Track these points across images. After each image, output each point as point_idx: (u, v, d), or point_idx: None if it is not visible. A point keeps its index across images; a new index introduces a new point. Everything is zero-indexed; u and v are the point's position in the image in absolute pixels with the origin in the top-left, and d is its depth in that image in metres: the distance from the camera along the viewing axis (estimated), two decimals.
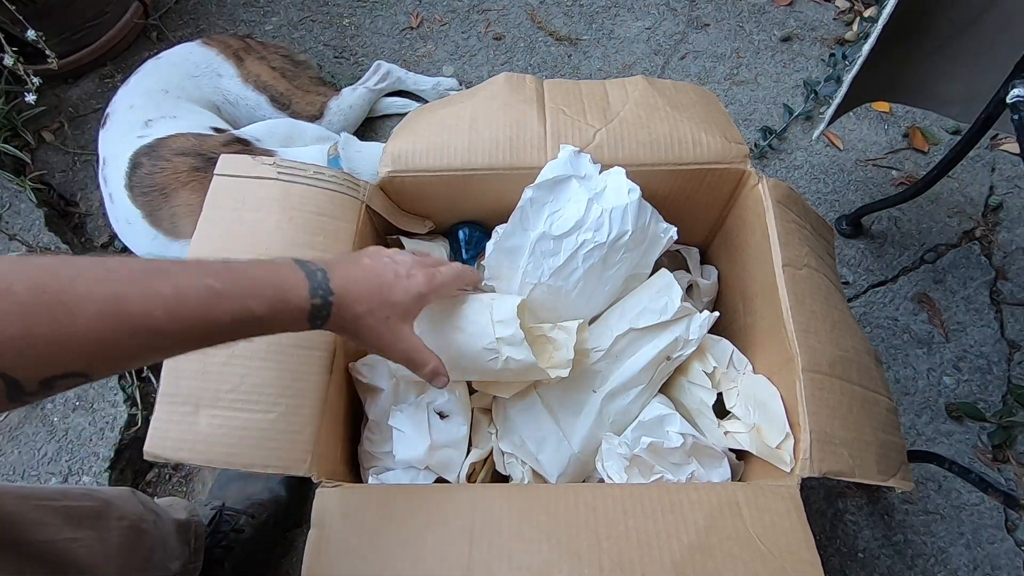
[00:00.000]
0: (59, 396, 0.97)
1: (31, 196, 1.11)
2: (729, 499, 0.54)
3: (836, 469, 0.55)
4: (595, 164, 0.68)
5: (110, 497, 0.62)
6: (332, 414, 0.61)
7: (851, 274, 1.08)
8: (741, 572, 0.50)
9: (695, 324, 0.67)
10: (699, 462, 0.64)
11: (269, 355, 0.58)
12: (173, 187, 0.92)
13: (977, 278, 1.08)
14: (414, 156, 0.69)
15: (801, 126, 1.22)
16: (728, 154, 0.69)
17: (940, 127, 1.21)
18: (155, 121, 0.98)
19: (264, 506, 0.83)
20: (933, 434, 0.96)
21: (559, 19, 1.35)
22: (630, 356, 0.67)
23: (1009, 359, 1.02)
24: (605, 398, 0.67)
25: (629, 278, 0.70)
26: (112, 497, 0.63)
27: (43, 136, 1.20)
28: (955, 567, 0.88)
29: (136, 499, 0.66)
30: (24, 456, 0.93)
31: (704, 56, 1.30)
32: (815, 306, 0.62)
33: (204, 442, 0.56)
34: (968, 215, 1.13)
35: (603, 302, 0.70)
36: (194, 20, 1.35)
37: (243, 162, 0.66)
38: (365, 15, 1.36)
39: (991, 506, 0.91)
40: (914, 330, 1.04)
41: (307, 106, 1.13)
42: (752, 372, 0.68)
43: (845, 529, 0.90)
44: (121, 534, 0.61)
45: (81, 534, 0.56)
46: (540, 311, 0.69)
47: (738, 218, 0.73)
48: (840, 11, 1.36)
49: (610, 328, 0.68)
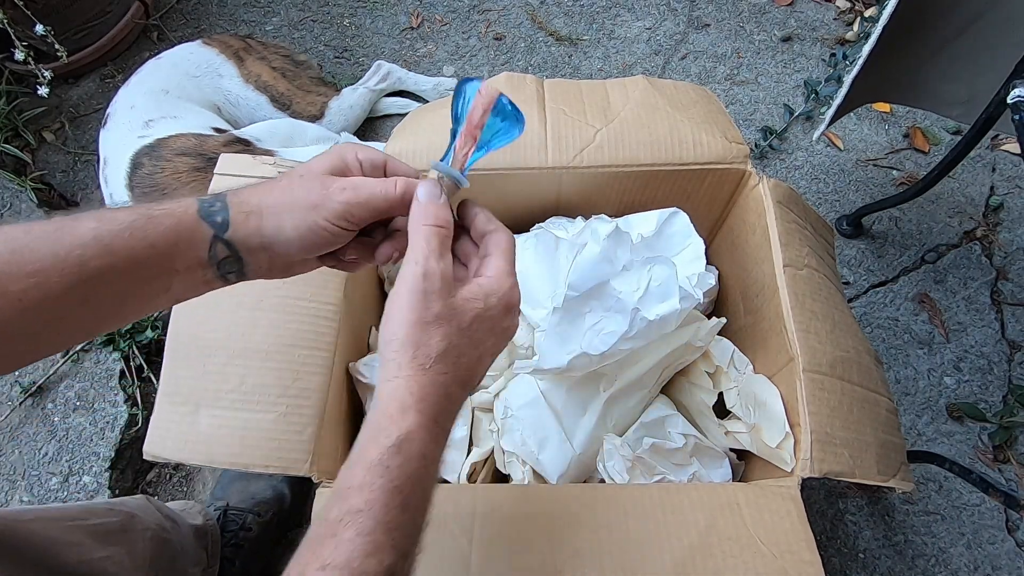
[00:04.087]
0: (60, 396, 0.97)
1: (32, 196, 1.11)
2: (729, 499, 0.54)
3: (836, 469, 0.55)
4: (636, 241, 0.64)
5: (132, 509, 0.63)
6: (332, 414, 0.61)
7: (851, 274, 1.08)
8: (741, 572, 0.50)
9: (703, 330, 0.67)
10: (700, 462, 0.64)
11: (270, 355, 0.58)
12: (174, 187, 0.92)
13: (978, 278, 1.08)
14: (414, 156, 0.69)
15: (801, 126, 1.22)
16: (728, 154, 0.69)
17: (941, 127, 1.21)
18: (156, 121, 0.98)
19: (269, 504, 0.84)
20: (934, 434, 0.96)
21: (559, 19, 1.35)
22: (639, 360, 0.67)
23: (1010, 359, 1.01)
24: (609, 399, 0.67)
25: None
26: (134, 509, 0.63)
27: (44, 136, 1.20)
28: (956, 567, 0.88)
29: (153, 507, 0.67)
30: (24, 456, 0.93)
31: (704, 56, 1.30)
32: (815, 306, 0.62)
33: (204, 442, 0.56)
34: (969, 215, 1.13)
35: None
36: (195, 20, 1.35)
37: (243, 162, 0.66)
38: (365, 15, 1.36)
39: (992, 506, 0.91)
40: (915, 330, 1.04)
41: (308, 106, 1.13)
42: (752, 372, 0.68)
43: (845, 529, 0.90)
44: (146, 546, 0.61)
45: (110, 551, 0.57)
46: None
47: (738, 218, 0.73)
48: (841, 11, 1.35)
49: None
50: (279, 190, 0.40)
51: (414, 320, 0.36)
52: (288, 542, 0.88)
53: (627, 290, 0.61)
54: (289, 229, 0.40)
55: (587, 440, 0.67)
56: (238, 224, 0.39)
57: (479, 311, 0.38)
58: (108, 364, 0.99)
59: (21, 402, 0.97)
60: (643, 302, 0.60)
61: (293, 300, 0.61)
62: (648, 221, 0.70)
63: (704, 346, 0.67)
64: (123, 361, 0.99)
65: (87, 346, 1.00)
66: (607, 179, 0.71)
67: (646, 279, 0.61)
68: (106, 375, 0.98)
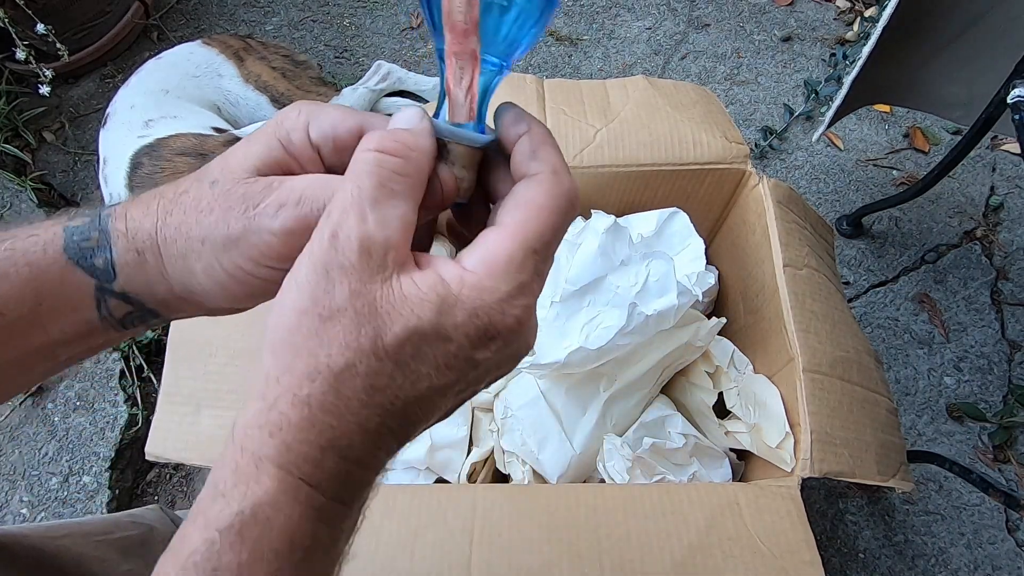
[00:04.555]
0: (60, 396, 0.97)
1: (32, 196, 1.11)
2: (729, 499, 0.54)
3: (836, 469, 0.55)
4: (636, 241, 0.64)
5: (151, 521, 0.62)
6: None
7: (852, 274, 1.08)
8: (741, 572, 0.50)
9: (703, 330, 0.67)
10: (700, 462, 0.64)
11: None
12: None
13: (978, 278, 1.08)
14: None
15: (801, 126, 1.22)
16: (728, 154, 0.69)
17: (941, 127, 1.21)
18: (156, 121, 0.98)
19: None
20: (934, 434, 0.96)
21: (559, 19, 1.35)
22: (639, 359, 0.67)
23: (1010, 359, 1.01)
24: (609, 399, 0.67)
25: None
26: (153, 521, 0.62)
27: (44, 136, 1.20)
28: (956, 567, 0.88)
29: (168, 518, 0.66)
30: (25, 456, 0.93)
31: (705, 56, 1.30)
32: (815, 306, 0.62)
33: (205, 442, 0.56)
34: (969, 215, 1.13)
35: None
36: (195, 20, 1.35)
37: None
38: (365, 15, 1.36)
39: (992, 506, 0.91)
40: (915, 330, 1.04)
41: None
42: (752, 372, 0.68)
43: (846, 529, 0.90)
44: None
45: (132, 564, 0.56)
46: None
47: (738, 218, 0.73)
48: (841, 11, 1.35)
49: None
50: (182, 209, 0.25)
51: (301, 309, 0.21)
52: None
53: (625, 285, 0.61)
54: (201, 275, 0.25)
55: (587, 440, 0.67)
56: (130, 268, 0.26)
57: (416, 325, 0.21)
58: (108, 364, 0.99)
59: (21, 402, 0.97)
60: (640, 297, 0.60)
61: None
62: (648, 221, 0.71)
63: (704, 346, 0.67)
64: (123, 361, 0.99)
65: None
66: (607, 179, 0.71)
67: (644, 274, 0.61)
68: (106, 375, 0.98)
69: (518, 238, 0.22)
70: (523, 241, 0.22)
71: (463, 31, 0.23)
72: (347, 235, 0.21)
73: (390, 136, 0.23)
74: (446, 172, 0.25)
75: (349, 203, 0.21)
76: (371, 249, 0.21)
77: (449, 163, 0.25)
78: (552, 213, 0.23)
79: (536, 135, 0.24)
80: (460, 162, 0.25)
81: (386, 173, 0.22)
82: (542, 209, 0.23)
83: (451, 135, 0.24)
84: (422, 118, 0.24)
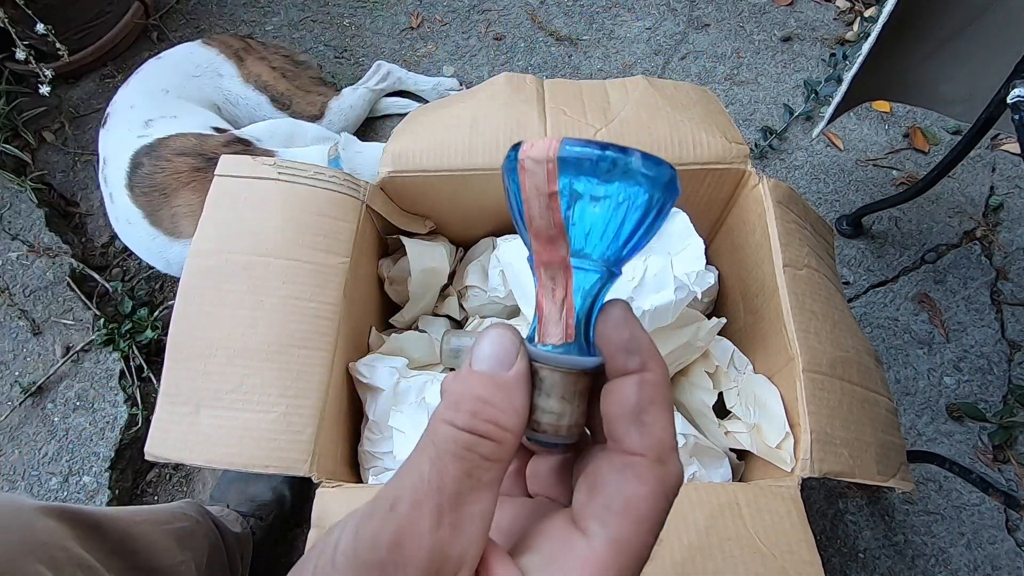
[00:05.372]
0: (60, 396, 0.97)
1: (32, 196, 1.11)
2: (729, 499, 0.54)
3: (836, 469, 0.55)
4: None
5: (197, 515, 0.63)
6: (332, 414, 0.61)
7: (851, 274, 1.08)
8: (741, 573, 0.50)
9: (703, 330, 0.67)
10: (700, 462, 0.64)
11: (270, 355, 0.58)
12: (174, 187, 0.92)
13: (978, 278, 1.08)
14: (414, 156, 0.69)
15: (801, 126, 1.22)
16: (728, 154, 0.69)
17: (941, 127, 1.21)
18: (156, 121, 0.98)
19: (269, 507, 0.84)
20: (934, 434, 0.96)
21: (559, 19, 1.35)
22: None
23: (1010, 359, 1.01)
24: None
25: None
26: (197, 515, 0.63)
27: (44, 136, 1.20)
28: (956, 567, 0.88)
29: (204, 512, 0.67)
30: (25, 456, 0.93)
31: (704, 56, 1.30)
32: (815, 306, 0.62)
33: (205, 442, 0.56)
34: (969, 215, 1.13)
35: None
36: (195, 20, 1.35)
37: (244, 163, 0.66)
38: (365, 15, 1.36)
39: (992, 506, 0.91)
40: (914, 330, 1.04)
41: (308, 106, 1.13)
42: (752, 372, 0.68)
43: (845, 529, 0.90)
44: (205, 552, 0.62)
45: (185, 555, 0.58)
46: None
47: (738, 218, 0.73)
48: (841, 11, 1.35)
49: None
50: None
51: None
52: (288, 542, 0.88)
53: (622, 280, 0.61)
54: None
55: None
56: None
57: None
58: (108, 364, 0.99)
59: (21, 402, 0.97)
60: (638, 292, 0.60)
61: (293, 300, 0.61)
62: None
63: (704, 346, 0.67)
64: (123, 361, 0.99)
65: (87, 346, 1.00)
66: None
67: (641, 270, 0.61)
68: (106, 375, 0.98)
69: (612, 570, 0.17)
70: (618, 572, 0.17)
71: (548, 237, 0.19)
72: (417, 544, 0.16)
73: (481, 403, 0.17)
74: (540, 411, 0.19)
75: (424, 493, 0.16)
76: (441, 569, 0.16)
77: (544, 394, 0.19)
78: (655, 526, 0.18)
79: (649, 383, 0.18)
80: (557, 392, 0.19)
81: (475, 460, 0.17)
82: (642, 523, 0.17)
83: (543, 360, 0.20)
84: (514, 356, 0.18)
